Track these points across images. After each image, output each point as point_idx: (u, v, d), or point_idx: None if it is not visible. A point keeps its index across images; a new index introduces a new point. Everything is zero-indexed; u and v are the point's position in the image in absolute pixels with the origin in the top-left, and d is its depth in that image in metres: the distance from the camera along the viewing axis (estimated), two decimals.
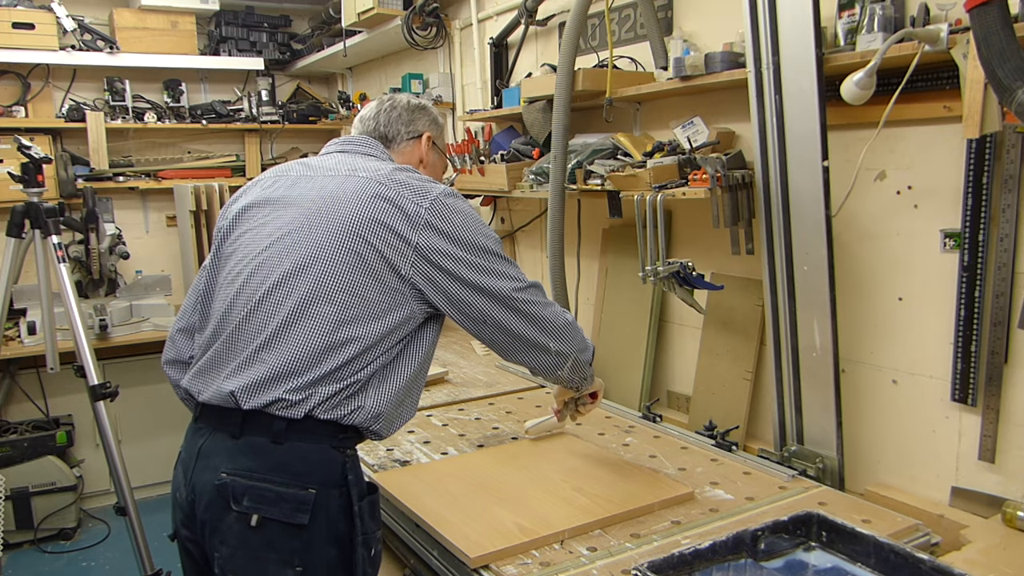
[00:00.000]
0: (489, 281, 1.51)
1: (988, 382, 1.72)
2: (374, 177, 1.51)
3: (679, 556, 1.29)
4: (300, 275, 1.45)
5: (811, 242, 1.84)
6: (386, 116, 1.74)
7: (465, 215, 1.52)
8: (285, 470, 1.42)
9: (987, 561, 1.51)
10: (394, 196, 1.48)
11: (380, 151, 1.68)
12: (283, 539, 1.41)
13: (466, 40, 3.52)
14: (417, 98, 1.81)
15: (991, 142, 1.65)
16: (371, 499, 1.50)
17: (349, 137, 1.71)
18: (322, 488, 1.42)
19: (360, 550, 1.46)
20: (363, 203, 1.47)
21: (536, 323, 1.57)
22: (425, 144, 1.76)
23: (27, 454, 3.75)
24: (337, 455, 1.45)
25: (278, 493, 1.40)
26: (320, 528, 1.42)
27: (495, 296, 1.53)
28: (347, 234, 1.45)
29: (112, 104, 4.27)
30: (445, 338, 3.60)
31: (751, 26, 1.87)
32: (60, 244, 3.05)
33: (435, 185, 1.54)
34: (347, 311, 1.44)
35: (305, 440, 1.43)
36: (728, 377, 2.31)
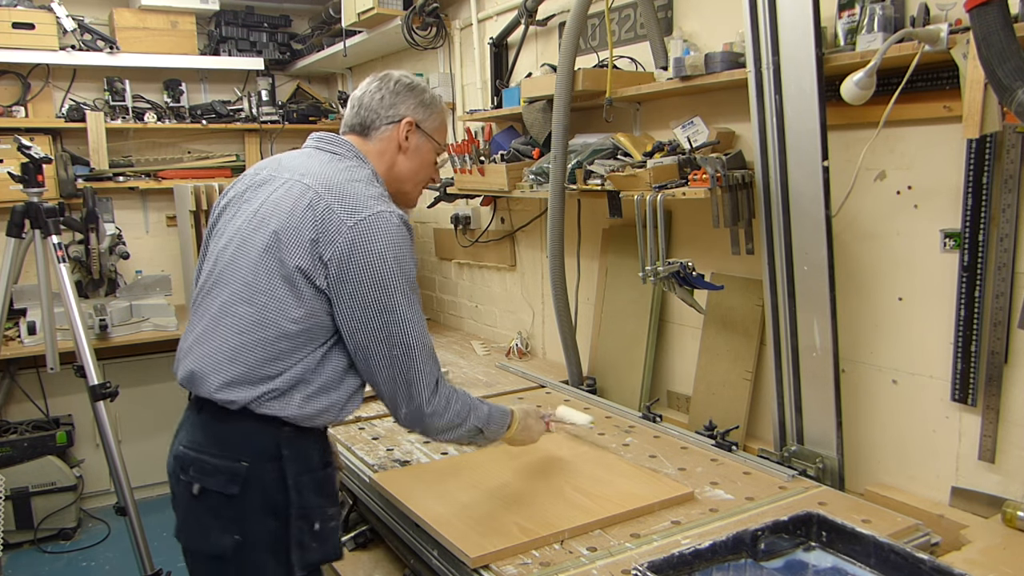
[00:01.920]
0: (386, 313, 1.49)
1: (988, 382, 1.72)
2: (315, 185, 1.53)
3: (679, 556, 1.29)
4: (232, 276, 1.54)
5: (811, 242, 1.84)
6: (369, 98, 1.69)
7: (390, 242, 1.48)
8: (223, 444, 1.52)
9: (987, 561, 1.51)
10: (323, 208, 1.49)
11: (347, 149, 1.65)
12: (221, 508, 1.51)
13: (466, 40, 3.52)
14: (413, 77, 1.73)
15: (991, 142, 1.65)
16: (317, 475, 1.55)
17: (323, 134, 1.70)
18: (256, 462, 1.50)
19: (297, 523, 1.52)
20: (294, 212, 1.51)
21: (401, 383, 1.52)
22: (404, 129, 1.67)
23: (27, 454, 3.75)
24: (274, 430, 1.51)
25: (215, 465, 1.51)
26: (255, 499, 1.50)
27: (383, 329, 1.49)
28: (274, 242, 1.50)
29: (112, 104, 4.27)
30: (445, 338, 3.60)
31: (751, 26, 1.87)
32: (60, 244, 3.05)
33: (375, 204, 1.50)
34: (264, 313, 1.49)
35: (246, 420, 1.51)
36: (728, 377, 2.31)
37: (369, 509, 1.92)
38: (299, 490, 1.52)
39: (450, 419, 1.59)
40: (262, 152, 4.76)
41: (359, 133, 1.70)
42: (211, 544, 1.52)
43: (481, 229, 3.54)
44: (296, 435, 1.53)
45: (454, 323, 3.94)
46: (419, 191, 1.78)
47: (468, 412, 1.62)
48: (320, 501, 1.55)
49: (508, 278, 3.46)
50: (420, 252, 4.08)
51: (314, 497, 1.54)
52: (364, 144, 1.68)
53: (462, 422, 1.61)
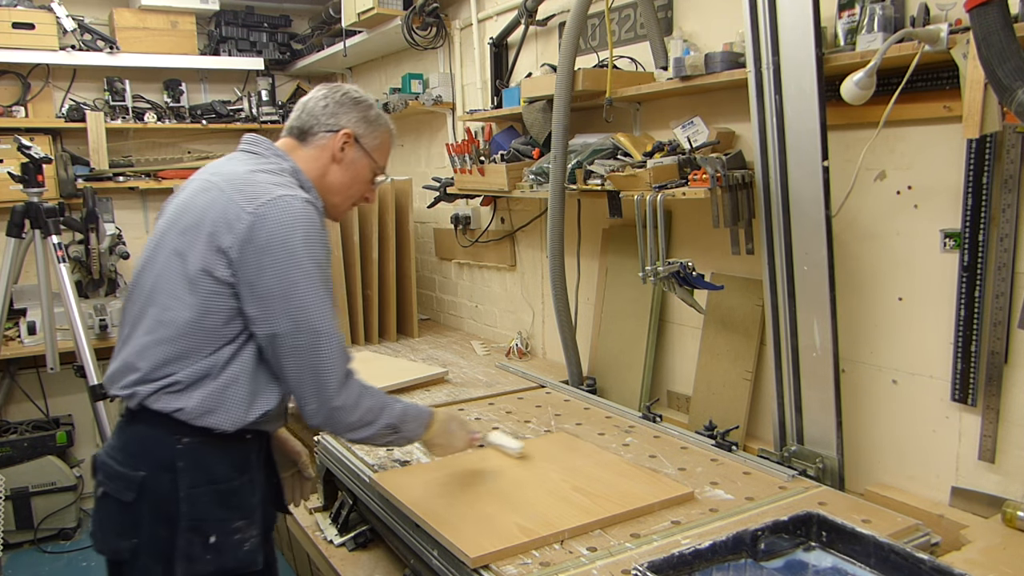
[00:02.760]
0: (290, 297, 1.46)
1: (988, 382, 1.72)
2: (220, 182, 1.54)
3: (679, 556, 1.29)
4: (145, 279, 1.56)
5: (811, 242, 1.84)
6: (313, 104, 1.68)
7: (291, 225, 1.46)
8: (124, 450, 1.56)
9: (987, 561, 1.51)
10: (224, 200, 1.49)
11: (266, 148, 1.65)
12: (118, 513, 1.54)
13: (466, 40, 3.52)
14: (361, 92, 1.73)
15: (991, 142, 1.65)
16: (220, 487, 1.54)
17: (249, 135, 1.70)
18: (152, 471, 1.52)
19: (186, 534, 1.51)
20: (199, 208, 1.52)
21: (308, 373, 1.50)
22: (340, 140, 1.66)
23: (27, 454, 3.75)
24: (171, 442, 1.51)
25: (116, 471, 1.55)
26: (149, 508, 1.51)
27: (288, 315, 1.47)
28: (178, 240, 1.52)
29: (112, 104, 4.27)
30: (445, 338, 3.60)
31: (751, 26, 1.87)
32: (60, 244, 3.05)
33: (276, 190, 1.49)
34: (166, 313, 1.51)
35: (145, 425, 1.53)
36: (728, 377, 2.31)
37: (369, 509, 1.92)
38: (192, 502, 1.51)
39: (361, 416, 1.56)
40: None
41: (296, 136, 1.69)
42: (110, 547, 1.56)
43: (481, 229, 3.54)
44: (197, 446, 1.52)
45: (454, 323, 3.94)
46: (347, 206, 1.76)
47: (381, 409, 1.59)
48: (221, 514, 1.54)
49: (508, 278, 3.46)
50: (420, 252, 4.08)
51: (213, 509, 1.53)
52: (297, 148, 1.67)
53: (374, 419, 1.58)
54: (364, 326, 3.44)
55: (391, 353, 3.23)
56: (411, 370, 2.78)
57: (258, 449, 1.66)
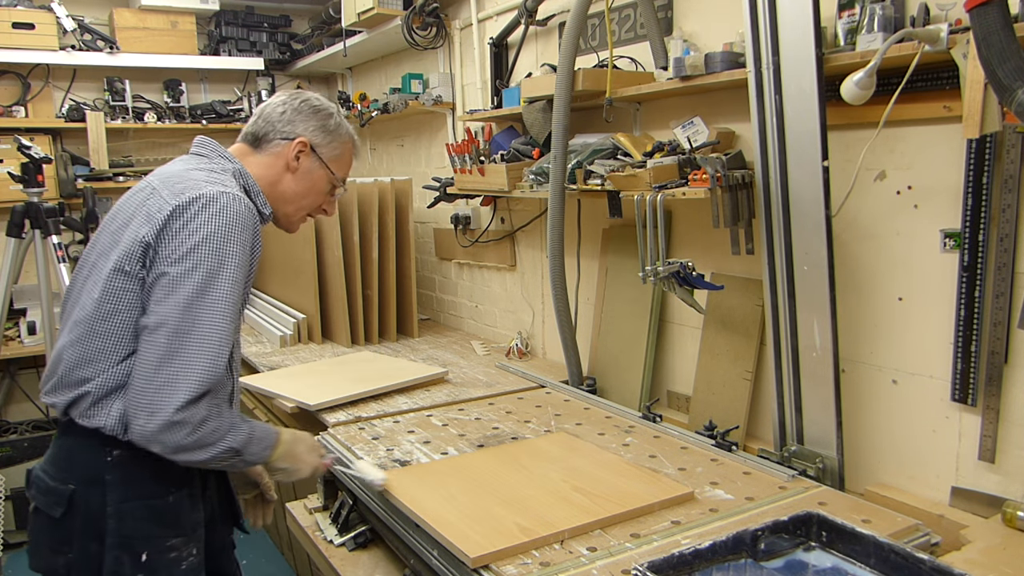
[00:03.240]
0: (179, 287, 1.37)
1: (988, 382, 1.72)
2: (153, 180, 1.51)
3: (679, 556, 1.29)
4: (74, 282, 1.54)
5: (811, 242, 1.84)
6: (271, 110, 1.64)
7: (214, 219, 1.39)
8: (55, 464, 1.52)
9: (987, 561, 1.51)
10: (150, 194, 1.46)
11: (212, 149, 1.61)
12: (50, 528, 1.50)
13: (466, 40, 3.52)
14: (323, 100, 1.68)
15: (991, 142, 1.65)
16: (154, 503, 1.48)
17: (200, 137, 1.66)
18: (81, 485, 1.47)
19: (114, 551, 1.45)
20: (129, 207, 1.49)
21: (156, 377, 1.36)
22: (294, 148, 1.61)
23: (27, 454, 3.75)
24: (100, 454, 1.46)
25: (47, 485, 1.51)
26: (79, 523, 1.47)
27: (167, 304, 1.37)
28: (107, 240, 1.48)
29: (112, 104, 4.27)
30: (445, 338, 3.60)
31: (751, 26, 1.87)
32: (60, 244, 3.05)
33: (206, 186, 1.43)
34: (80, 312, 1.46)
35: (75, 437, 1.48)
36: (728, 377, 2.31)
37: (369, 509, 1.92)
38: (120, 518, 1.45)
39: (200, 437, 1.40)
40: None
41: (250, 143, 1.65)
42: (45, 564, 1.52)
43: (481, 229, 3.54)
44: (127, 459, 1.46)
45: (454, 323, 3.94)
46: (301, 217, 1.71)
47: (225, 432, 1.45)
48: (153, 530, 1.48)
49: (508, 278, 3.46)
50: (420, 252, 4.08)
51: (145, 525, 1.47)
52: (250, 154, 1.63)
53: (215, 441, 1.42)
54: (364, 326, 3.44)
55: (391, 353, 3.23)
56: (411, 370, 2.78)
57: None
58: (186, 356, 1.37)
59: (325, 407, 2.43)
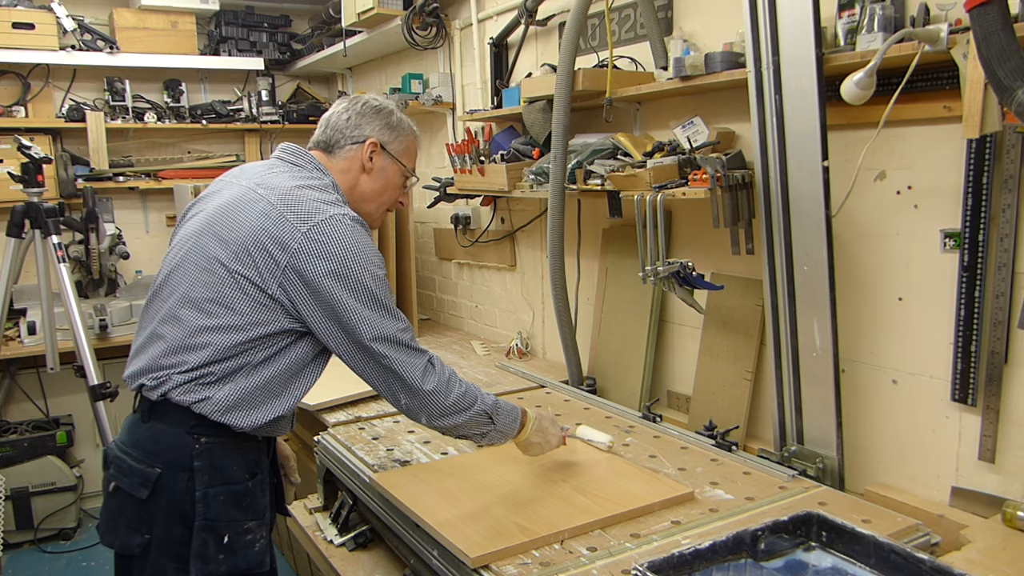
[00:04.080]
0: (348, 316, 1.51)
1: (988, 382, 1.72)
2: (268, 195, 1.55)
3: (679, 556, 1.29)
4: (179, 280, 1.57)
5: (811, 242, 1.84)
6: (336, 118, 1.71)
7: (345, 244, 1.50)
8: (140, 447, 1.57)
9: (987, 561, 1.51)
10: (276, 216, 1.51)
11: (307, 160, 1.68)
12: (130, 508, 1.55)
13: (466, 40, 3.52)
14: (380, 100, 1.76)
15: (991, 142, 1.65)
16: (236, 488, 1.56)
17: (288, 144, 1.73)
18: (168, 469, 1.53)
19: (201, 534, 1.52)
20: (246, 220, 1.53)
21: (388, 376, 1.55)
22: (367, 150, 1.69)
23: (27, 454, 3.75)
24: (189, 441, 1.53)
25: (130, 466, 1.55)
26: (164, 505, 1.53)
27: (350, 332, 1.52)
28: (223, 249, 1.53)
29: (112, 104, 4.27)
30: (445, 338, 3.60)
31: (751, 26, 1.87)
32: (60, 244, 3.05)
33: (328, 208, 1.53)
34: (211, 319, 1.52)
35: (163, 422, 1.54)
36: (728, 377, 2.31)
37: (369, 509, 1.92)
38: (208, 502, 1.52)
39: (455, 400, 1.59)
40: (262, 152, 4.76)
41: (324, 150, 1.72)
42: (121, 542, 1.57)
43: (481, 229, 3.54)
44: (214, 446, 1.54)
45: (454, 323, 3.94)
46: (381, 213, 1.79)
47: (475, 397, 1.63)
48: (236, 514, 1.56)
49: (508, 278, 3.46)
50: (420, 252, 4.08)
51: (228, 510, 1.55)
52: (328, 161, 1.71)
53: (469, 405, 1.62)
54: None
55: None
56: None
57: (267, 451, 1.68)
58: (391, 358, 1.53)
59: (325, 407, 2.43)
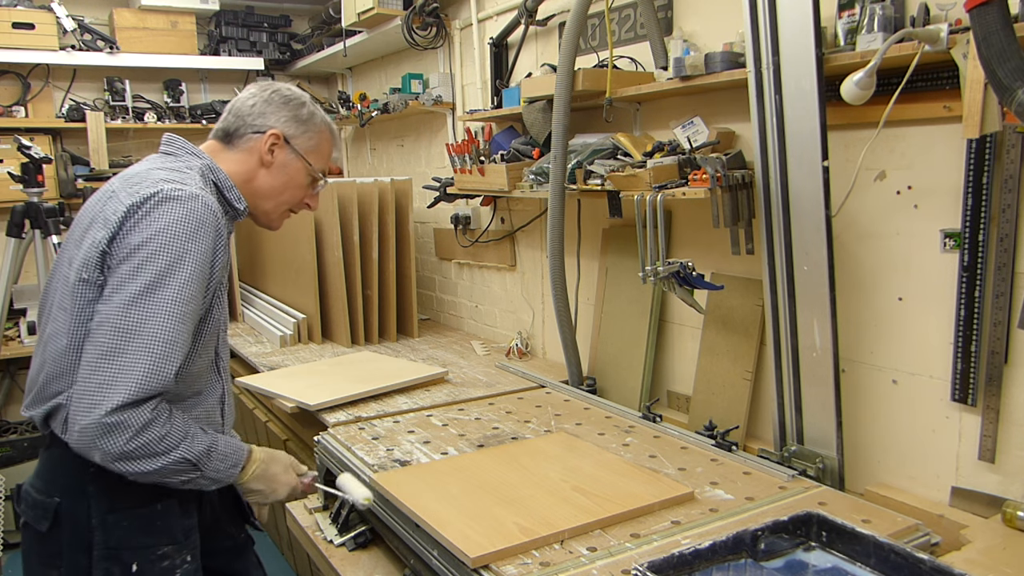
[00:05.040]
0: (124, 284, 1.31)
1: (988, 382, 1.72)
2: (116, 181, 1.44)
3: (679, 556, 1.29)
4: (46, 293, 1.49)
5: (811, 242, 1.84)
6: (241, 104, 1.58)
7: (161, 226, 1.31)
8: (41, 476, 1.49)
9: (987, 561, 1.51)
10: (109, 197, 1.40)
11: (180, 146, 1.54)
12: (38, 542, 1.46)
13: (466, 40, 3.52)
14: (294, 90, 1.61)
15: (991, 142, 1.65)
16: (140, 511, 1.44)
17: (168, 134, 1.59)
18: (66, 497, 1.43)
19: (103, 564, 1.42)
20: (87, 213, 1.44)
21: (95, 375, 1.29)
22: (267, 142, 1.55)
23: (27, 454, 3.75)
24: (82, 465, 1.38)
25: (34, 499, 1.47)
26: (68, 535, 1.43)
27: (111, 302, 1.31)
28: (71, 249, 1.43)
29: (112, 104, 4.27)
30: (445, 338, 3.60)
31: (751, 26, 1.87)
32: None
33: (164, 184, 1.36)
34: (51, 326, 1.41)
35: (59, 447, 1.42)
36: (728, 377, 2.31)
37: (369, 509, 1.92)
38: (107, 529, 1.42)
39: (144, 443, 1.31)
40: None
41: (221, 139, 1.59)
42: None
43: (481, 229, 3.54)
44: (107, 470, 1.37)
45: (454, 323, 3.94)
46: (282, 213, 1.65)
47: (178, 441, 1.36)
48: (144, 540, 1.44)
49: (508, 278, 3.46)
50: (420, 252, 4.08)
51: (134, 536, 1.43)
52: (222, 151, 1.58)
53: (165, 451, 1.34)
54: (364, 326, 3.44)
55: (391, 353, 3.23)
56: (411, 370, 2.78)
57: None
58: (127, 356, 1.29)
59: (325, 407, 2.43)
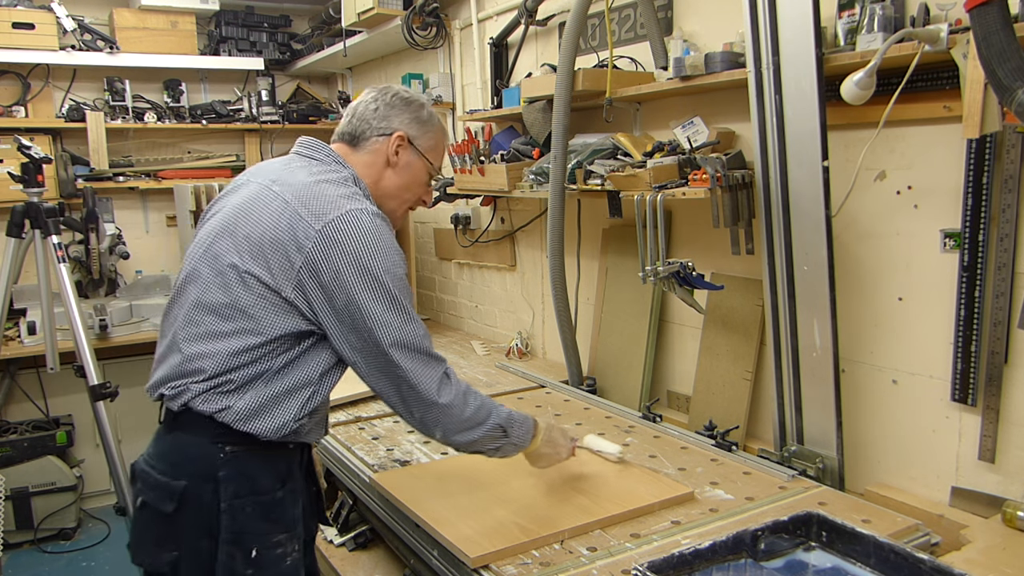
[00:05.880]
0: (364, 320, 1.43)
1: (988, 382, 1.72)
2: (283, 192, 1.48)
3: (679, 556, 1.29)
4: (194, 285, 1.51)
5: (811, 242, 1.84)
6: (364, 108, 1.63)
7: (363, 241, 1.42)
8: (164, 459, 1.51)
9: (987, 561, 1.51)
10: (290, 215, 1.44)
11: (326, 153, 1.61)
12: (156, 523, 1.49)
13: (466, 40, 3.52)
14: (411, 91, 1.68)
15: (991, 142, 1.65)
16: (264, 499, 1.49)
17: (306, 138, 1.66)
18: (193, 481, 1.46)
19: (227, 547, 1.45)
20: (260, 220, 1.47)
21: (403, 387, 1.47)
22: (393, 143, 1.61)
23: (27, 454, 3.75)
24: (213, 450, 1.46)
25: (155, 480, 1.49)
26: (190, 519, 1.46)
27: (366, 337, 1.44)
28: (236, 251, 1.46)
29: (112, 104, 4.27)
30: (445, 338, 3.60)
31: (751, 26, 1.87)
32: (60, 244, 3.05)
33: (345, 203, 1.45)
34: (227, 323, 1.46)
35: (186, 432, 1.48)
36: (728, 377, 2.31)
37: (369, 509, 1.92)
38: (233, 514, 1.45)
39: (471, 414, 1.52)
40: (262, 152, 4.77)
41: (348, 142, 1.64)
42: (150, 560, 1.50)
43: (481, 229, 3.54)
44: (240, 455, 1.47)
45: (454, 323, 3.94)
46: (404, 211, 1.72)
47: (490, 410, 1.57)
48: (264, 527, 1.49)
49: (508, 278, 3.46)
50: (420, 252, 4.08)
51: (255, 522, 1.48)
52: (351, 154, 1.63)
53: (484, 419, 1.55)
54: None
55: None
56: None
57: (300, 459, 1.62)
58: (405, 366, 1.45)
59: None
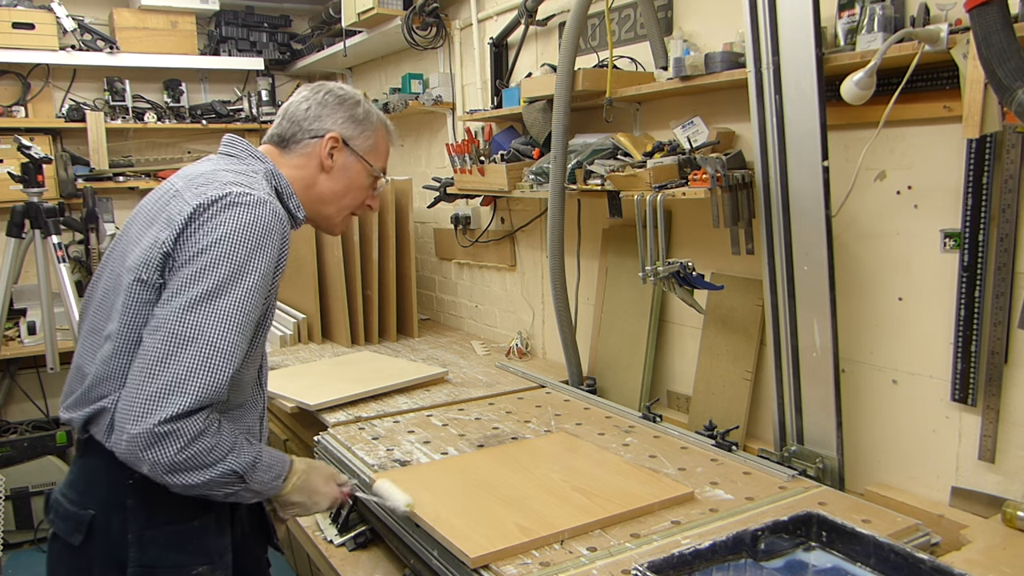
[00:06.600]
0: (181, 301, 1.25)
1: (988, 382, 1.72)
2: (179, 181, 1.39)
3: (679, 556, 1.29)
4: (93, 293, 1.45)
5: (811, 242, 1.84)
6: (295, 108, 1.53)
7: (228, 231, 1.27)
8: (74, 486, 1.42)
9: (987, 561, 1.51)
10: (172, 196, 1.35)
11: (243, 149, 1.50)
12: (68, 556, 1.39)
13: (466, 40, 3.52)
14: (347, 89, 1.58)
15: (991, 142, 1.65)
16: (178, 528, 1.38)
17: (229, 135, 1.55)
18: (102, 509, 1.36)
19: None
20: (150, 211, 1.38)
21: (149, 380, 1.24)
22: (326, 146, 1.50)
23: (27, 454, 3.75)
24: (120, 477, 1.34)
25: (66, 510, 1.40)
26: (100, 550, 1.36)
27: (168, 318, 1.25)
28: (126, 247, 1.38)
29: (112, 104, 4.27)
30: (445, 338, 3.60)
31: (751, 26, 1.87)
32: (60, 244, 3.05)
33: (230, 186, 1.32)
34: (100, 327, 1.37)
35: (94, 457, 1.37)
36: (728, 377, 2.31)
37: (369, 509, 1.92)
38: (143, 546, 1.35)
39: (195, 454, 1.26)
40: None
41: (277, 144, 1.54)
42: None
43: (481, 229, 3.54)
44: (150, 482, 1.29)
45: (454, 323, 3.94)
46: (344, 217, 1.61)
47: (226, 452, 1.31)
48: (180, 559, 1.37)
49: (508, 278, 3.46)
50: (420, 252, 4.08)
51: (170, 554, 1.37)
52: (280, 157, 1.52)
53: (213, 462, 1.28)
54: (364, 326, 3.44)
55: (391, 353, 3.23)
56: (411, 370, 2.78)
57: None
58: (182, 364, 1.24)
59: (325, 407, 2.43)
